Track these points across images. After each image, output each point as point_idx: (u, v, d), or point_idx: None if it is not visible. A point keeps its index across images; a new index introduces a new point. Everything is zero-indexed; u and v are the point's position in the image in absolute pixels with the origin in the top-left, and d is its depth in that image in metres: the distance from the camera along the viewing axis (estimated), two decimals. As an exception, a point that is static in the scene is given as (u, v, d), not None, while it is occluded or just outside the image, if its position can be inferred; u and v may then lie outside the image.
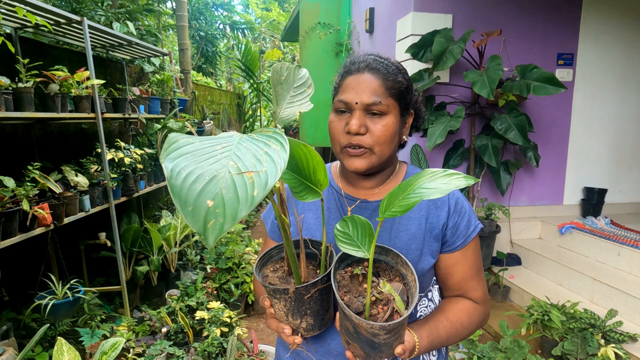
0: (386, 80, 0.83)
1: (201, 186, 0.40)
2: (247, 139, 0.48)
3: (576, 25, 3.50)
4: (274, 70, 0.77)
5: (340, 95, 0.85)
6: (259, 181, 0.41)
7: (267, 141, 0.48)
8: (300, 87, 0.77)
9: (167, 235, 3.25)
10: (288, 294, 0.72)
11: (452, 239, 0.89)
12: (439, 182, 0.62)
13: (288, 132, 9.07)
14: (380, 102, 0.82)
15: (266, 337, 2.88)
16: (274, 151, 0.45)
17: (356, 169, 0.85)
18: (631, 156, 3.82)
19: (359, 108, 0.82)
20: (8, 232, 1.86)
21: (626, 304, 2.57)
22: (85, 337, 2.23)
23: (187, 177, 0.40)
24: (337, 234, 0.72)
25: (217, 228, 0.38)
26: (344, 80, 0.85)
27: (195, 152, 0.44)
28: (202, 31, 7.39)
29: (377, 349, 0.71)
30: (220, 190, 0.40)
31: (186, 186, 0.40)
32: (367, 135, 0.83)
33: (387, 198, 0.65)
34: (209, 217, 0.38)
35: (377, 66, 0.84)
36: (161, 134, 3.62)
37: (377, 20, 4.10)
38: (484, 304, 0.93)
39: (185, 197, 0.39)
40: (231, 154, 0.44)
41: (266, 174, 0.42)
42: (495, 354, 2.14)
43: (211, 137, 0.48)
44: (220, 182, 0.40)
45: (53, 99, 2.18)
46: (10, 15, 2.16)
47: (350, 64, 0.87)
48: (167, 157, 0.42)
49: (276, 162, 0.44)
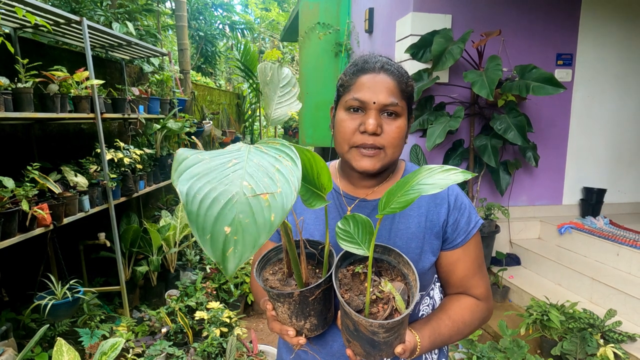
0: (400, 83, 0.83)
1: (217, 211, 0.38)
2: (255, 153, 0.47)
3: (575, 25, 3.50)
4: (259, 70, 0.77)
5: (354, 93, 0.83)
6: (275, 204, 0.40)
7: (277, 155, 0.46)
8: (285, 86, 0.77)
9: (166, 236, 3.25)
10: (293, 298, 0.71)
11: (453, 236, 0.89)
12: (437, 177, 0.62)
13: (287, 132, 9.08)
14: (397, 103, 0.82)
15: (266, 337, 2.88)
16: (286, 168, 0.44)
17: (366, 169, 0.84)
18: (630, 156, 3.83)
19: (376, 108, 0.81)
20: (7, 233, 1.86)
21: (625, 303, 2.57)
22: (85, 337, 2.23)
23: (202, 201, 0.39)
24: (339, 232, 0.72)
25: (237, 257, 0.37)
26: (358, 78, 0.84)
27: (208, 172, 0.42)
28: (201, 31, 7.39)
29: (377, 348, 0.71)
30: (237, 216, 0.38)
31: (202, 212, 0.38)
32: (382, 136, 0.82)
33: (386, 195, 0.66)
34: (228, 245, 0.37)
35: (391, 68, 0.84)
36: (160, 134, 3.61)
37: (376, 21, 4.10)
38: (486, 301, 0.93)
39: (203, 225, 0.38)
40: (244, 172, 0.43)
41: (282, 196, 0.40)
42: (495, 353, 2.14)
43: (220, 152, 0.47)
44: (236, 206, 0.39)
45: (52, 99, 2.18)
46: (10, 16, 2.15)
47: (363, 63, 0.86)
48: (180, 178, 0.41)
49: (290, 181, 0.42)
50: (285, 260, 0.79)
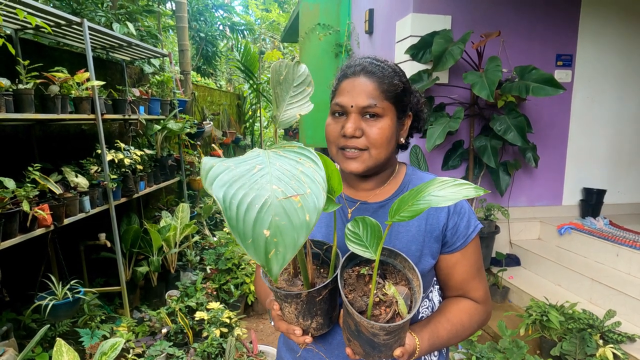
0: (381, 84, 0.83)
1: (254, 215, 0.40)
2: (276, 157, 0.48)
3: (575, 26, 3.51)
4: (273, 69, 0.74)
5: (336, 99, 0.86)
6: (307, 204, 0.41)
7: (298, 158, 0.48)
8: (299, 85, 0.75)
9: (166, 236, 3.26)
10: (300, 298, 0.72)
11: (452, 240, 0.89)
12: (449, 190, 0.63)
13: (288, 133, 9.07)
14: (375, 105, 0.82)
15: (265, 337, 2.88)
16: (310, 169, 0.45)
17: (352, 171, 0.86)
18: (630, 157, 3.83)
19: (355, 111, 0.83)
20: (8, 233, 1.87)
21: (625, 304, 2.57)
22: (85, 337, 2.24)
23: (239, 206, 0.40)
24: (348, 234, 0.73)
25: (280, 258, 0.39)
26: (340, 83, 0.86)
27: (237, 178, 0.43)
28: (202, 32, 7.39)
29: (376, 349, 0.71)
30: (274, 219, 0.40)
31: (241, 217, 0.39)
32: (363, 138, 0.84)
33: (397, 203, 0.66)
34: (269, 248, 0.39)
35: (372, 69, 0.84)
36: (161, 135, 3.62)
37: (376, 22, 4.10)
38: (485, 304, 0.93)
39: (243, 230, 0.39)
40: (270, 177, 0.44)
41: (312, 196, 0.42)
42: (494, 354, 2.14)
43: (242, 159, 0.47)
44: (270, 209, 0.40)
45: (53, 100, 2.18)
46: (11, 17, 2.16)
47: (346, 68, 0.88)
48: (213, 185, 0.42)
49: (316, 182, 0.44)
50: (292, 260, 0.80)
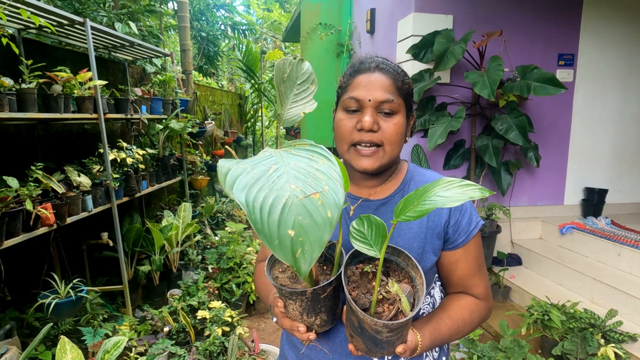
0: (396, 80, 0.85)
1: (277, 217, 0.40)
2: (289, 157, 0.48)
3: (577, 25, 3.50)
4: (276, 67, 0.74)
5: (351, 93, 0.85)
6: (327, 201, 0.41)
7: (310, 156, 0.47)
8: (303, 83, 0.75)
9: (168, 235, 3.26)
10: (305, 295, 0.72)
11: (454, 237, 0.90)
12: (454, 191, 0.63)
13: (289, 133, 9.07)
14: (392, 100, 0.83)
15: (267, 336, 2.89)
16: (324, 166, 0.45)
17: (365, 168, 0.85)
18: (632, 156, 3.83)
19: (372, 105, 0.83)
20: (11, 232, 1.88)
21: (626, 304, 2.57)
22: (88, 336, 2.25)
23: (261, 209, 0.40)
24: (353, 232, 0.73)
25: (307, 257, 0.39)
26: (354, 78, 0.86)
27: (255, 180, 0.43)
28: (203, 32, 7.39)
29: (379, 346, 0.72)
30: (297, 218, 0.40)
31: (265, 220, 0.40)
32: (379, 132, 0.84)
33: (403, 202, 0.66)
34: (296, 247, 0.39)
35: (386, 67, 0.86)
36: (163, 134, 3.63)
37: (378, 21, 4.10)
38: (486, 300, 0.94)
39: (269, 232, 0.39)
40: (287, 176, 0.44)
41: (331, 192, 0.42)
42: (496, 353, 2.14)
43: (256, 160, 0.47)
44: (292, 209, 0.40)
45: (56, 99, 2.19)
46: (14, 17, 2.17)
47: (359, 64, 0.88)
48: (233, 189, 0.42)
49: (333, 178, 0.44)
50: None
